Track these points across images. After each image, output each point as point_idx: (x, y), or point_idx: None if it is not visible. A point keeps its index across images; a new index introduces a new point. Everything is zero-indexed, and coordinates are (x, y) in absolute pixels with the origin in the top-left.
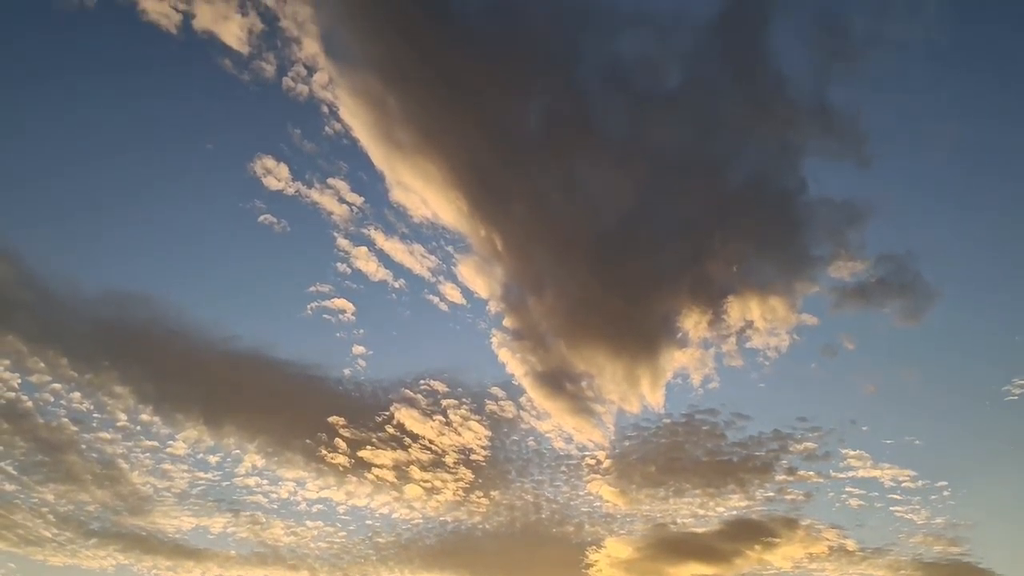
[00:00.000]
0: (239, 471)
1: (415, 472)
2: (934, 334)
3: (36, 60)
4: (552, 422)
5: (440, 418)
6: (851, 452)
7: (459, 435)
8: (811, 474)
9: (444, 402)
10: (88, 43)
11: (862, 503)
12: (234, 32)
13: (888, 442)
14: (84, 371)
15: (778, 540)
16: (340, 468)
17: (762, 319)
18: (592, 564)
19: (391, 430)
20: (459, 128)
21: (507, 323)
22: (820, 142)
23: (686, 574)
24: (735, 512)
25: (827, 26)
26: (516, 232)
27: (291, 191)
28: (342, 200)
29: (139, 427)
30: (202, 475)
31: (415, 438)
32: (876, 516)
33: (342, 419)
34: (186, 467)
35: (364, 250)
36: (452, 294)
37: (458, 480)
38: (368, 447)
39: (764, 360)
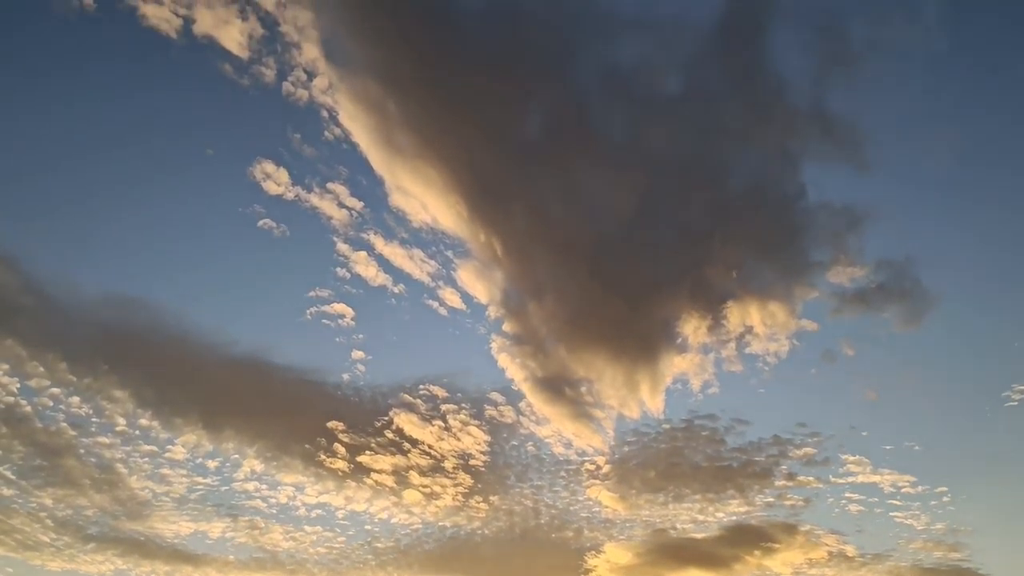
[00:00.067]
0: (238, 476)
1: (414, 477)
2: (933, 339)
3: (36, 64)
4: (551, 427)
5: (439, 423)
6: (851, 457)
7: (458, 440)
8: (811, 479)
9: (443, 407)
10: (88, 48)
11: (862, 508)
12: (234, 37)
13: (888, 447)
14: (83, 375)
15: (778, 546)
16: (339, 473)
17: (762, 324)
18: (591, 569)
19: (390, 435)
20: (459, 133)
21: (507, 328)
22: (819, 147)
23: None
24: (735, 517)
25: (826, 31)
26: (516, 237)
27: (291, 196)
28: (342, 205)
29: (138, 432)
30: (201, 480)
31: (414, 443)
32: (876, 521)
33: (341, 424)
34: (185, 472)
35: (364, 255)
36: (452, 299)
37: (457, 485)
38: (367, 452)
39: (764, 365)
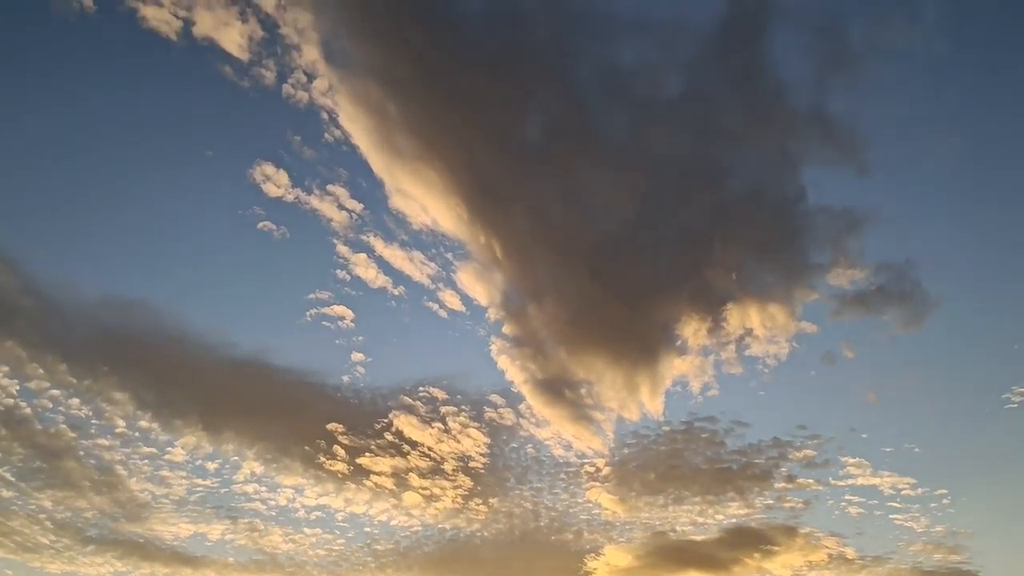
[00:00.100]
0: (237, 478)
1: (414, 479)
2: (933, 342)
3: (36, 66)
4: (551, 429)
5: (439, 425)
6: (850, 460)
7: (458, 442)
8: (810, 482)
9: (443, 409)
10: (88, 49)
11: (861, 511)
12: (234, 39)
13: (888, 450)
14: (83, 377)
15: (777, 548)
16: (339, 475)
17: (761, 327)
18: (591, 572)
19: (390, 437)
20: (459, 135)
21: (506, 330)
22: (819, 150)
23: None
24: (734, 520)
25: (826, 33)
26: (516, 239)
27: (291, 198)
28: (342, 207)
29: (137, 433)
30: (200, 482)
31: (414, 445)
32: (875, 524)
33: (341, 426)
34: (184, 474)
35: (363, 257)
36: (451, 301)
37: (457, 487)
38: (367, 454)
39: (763, 368)
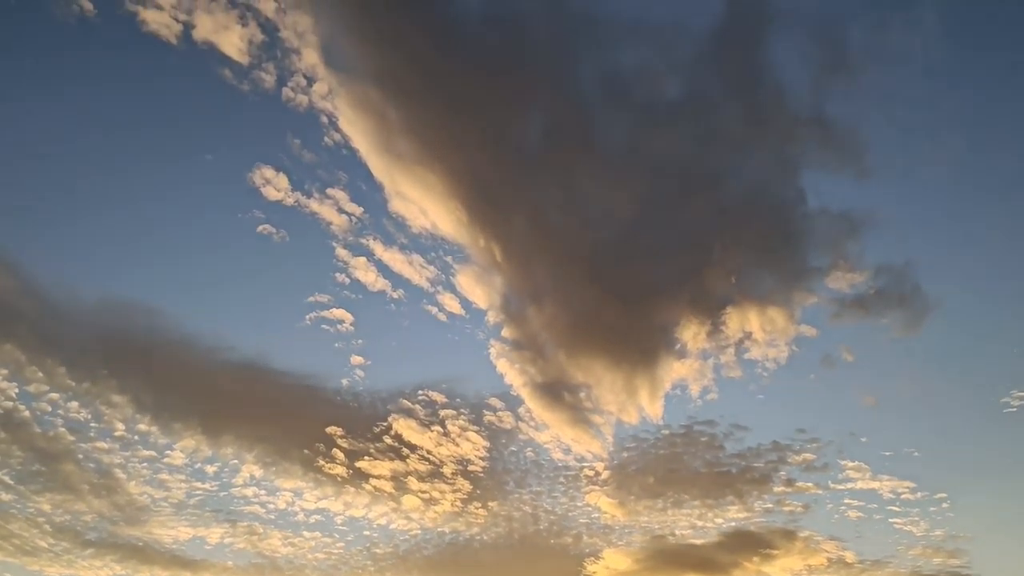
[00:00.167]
0: (237, 481)
1: (413, 483)
2: (933, 345)
3: (36, 70)
4: (550, 433)
5: (438, 428)
6: (850, 463)
7: (457, 446)
8: (810, 485)
9: (442, 412)
10: (88, 53)
11: (861, 515)
12: (234, 42)
13: (887, 454)
14: (82, 380)
15: (776, 552)
16: (338, 478)
17: (761, 330)
18: (590, 575)
19: (389, 440)
20: (459, 139)
21: (506, 333)
22: (818, 154)
23: None
24: (733, 523)
25: (825, 39)
26: (515, 242)
27: (290, 201)
28: (341, 210)
29: (137, 437)
30: (200, 485)
31: (413, 448)
32: (875, 528)
33: (340, 429)
34: (184, 477)
35: (363, 260)
36: (451, 304)
37: (456, 491)
38: (366, 457)
39: (763, 371)
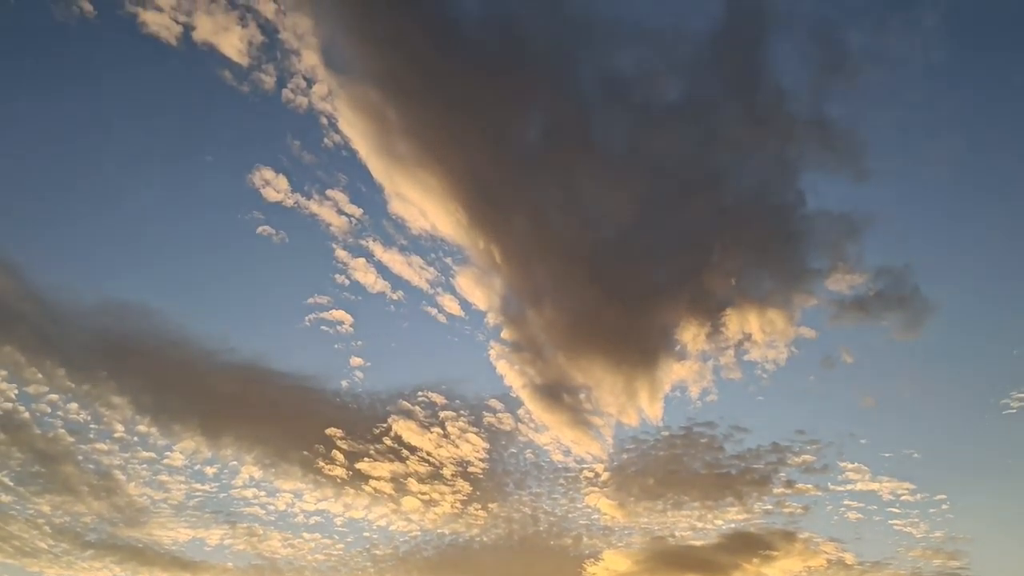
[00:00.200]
0: (236, 482)
1: (413, 484)
2: (932, 347)
3: (36, 71)
4: (550, 434)
5: (438, 430)
6: (849, 465)
7: (457, 447)
8: (809, 487)
9: (442, 414)
10: (88, 54)
11: (860, 516)
12: (234, 44)
13: (886, 455)
14: (81, 382)
15: (776, 553)
16: (338, 480)
17: (760, 332)
18: None
19: (389, 442)
20: (459, 140)
21: (505, 335)
22: (818, 155)
23: None
24: (733, 525)
25: (825, 40)
26: (515, 244)
27: (290, 202)
28: (341, 212)
29: (136, 438)
30: (199, 486)
31: (413, 450)
32: (874, 529)
33: (340, 431)
34: (183, 478)
35: (362, 261)
36: (450, 306)
37: (456, 492)
38: (366, 459)
39: (762, 373)
